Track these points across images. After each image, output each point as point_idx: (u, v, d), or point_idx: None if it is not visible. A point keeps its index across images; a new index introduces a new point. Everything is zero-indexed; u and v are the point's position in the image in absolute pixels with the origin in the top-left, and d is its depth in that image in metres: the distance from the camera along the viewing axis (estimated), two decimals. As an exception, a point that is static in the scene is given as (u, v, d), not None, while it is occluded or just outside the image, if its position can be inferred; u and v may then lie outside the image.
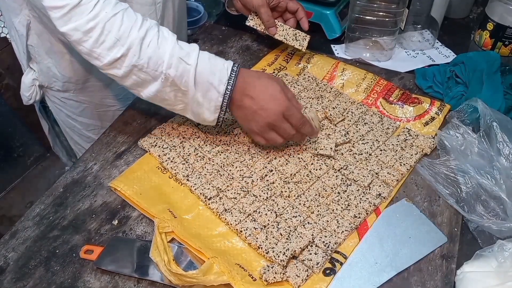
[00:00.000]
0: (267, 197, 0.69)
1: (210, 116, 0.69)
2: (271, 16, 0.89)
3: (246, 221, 0.66)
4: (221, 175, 0.73)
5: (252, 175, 0.73)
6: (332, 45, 1.04)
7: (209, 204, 0.69)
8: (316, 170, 0.73)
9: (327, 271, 0.62)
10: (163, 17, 0.89)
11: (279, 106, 0.68)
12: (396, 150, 0.76)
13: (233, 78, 0.67)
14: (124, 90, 0.95)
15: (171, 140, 0.78)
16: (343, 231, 0.65)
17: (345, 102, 0.85)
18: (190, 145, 0.78)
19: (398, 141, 0.78)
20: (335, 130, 0.80)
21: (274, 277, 0.59)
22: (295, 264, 0.62)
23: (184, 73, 0.65)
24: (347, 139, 0.78)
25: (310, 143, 0.77)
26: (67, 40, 0.65)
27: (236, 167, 0.74)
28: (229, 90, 0.67)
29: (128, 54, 0.63)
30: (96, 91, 0.93)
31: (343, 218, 0.67)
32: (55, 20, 0.62)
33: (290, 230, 0.65)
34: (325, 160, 0.75)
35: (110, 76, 0.67)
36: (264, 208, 0.68)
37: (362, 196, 0.69)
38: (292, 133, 0.70)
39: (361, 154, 0.76)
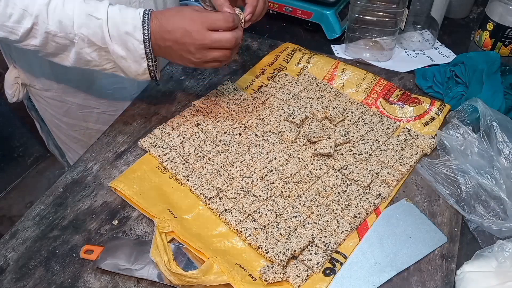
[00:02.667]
0: (267, 197, 0.69)
1: (139, 68, 0.69)
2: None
3: (246, 221, 0.66)
4: (221, 175, 0.73)
5: (252, 175, 0.73)
6: (332, 45, 1.04)
7: (209, 204, 0.69)
8: (316, 170, 0.73)
9: (327, 271, 0.62)
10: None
11: (201, 40, 0.65)
12: (396, 150, 0.76)
13: (146, 21, 0.66)
14: (108, 93, 0.94)
15: (171, 140, 0.78)
16: (343, 231, 0.65)
17: (345, 102, 0.85)
18: (190, 145, 0.78)
19: (398, 141, 0.78)
20: (335, 130, 0.80)
21: (274, 277, 0.59)
22: (295, 264, 0.62)
23: (97, 29, 0.65)
24: (347, 139, 0.78)
25: (310, 143, 0.78)
26: None
27: (236, 167, 0.74)
28: (146, 34, 0.66)
29: (38, 22, 0.64)
30: (78, 91, 0.92)
31: (343, 218, 0.67)
32: None
33: (290, 230, 0.65)
34: (325, 160, 0.75)
35: (32, 49, 0.67)
36: (264, 208, 0.68)
37: (362, 196, 0.69)
38: (227, 55, 0.68)
39: (361, 154, 0.76)
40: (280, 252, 0.62)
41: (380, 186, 0.71)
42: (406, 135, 0.79)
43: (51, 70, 0.87)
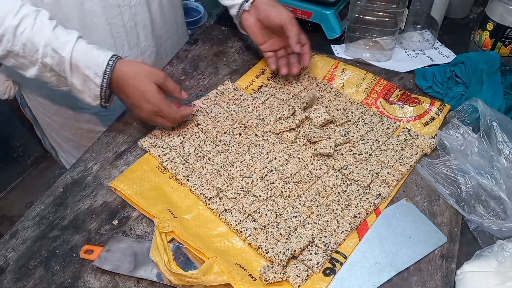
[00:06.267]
0: (267, 197, 0.69)
1: (92, 102, 0.72)
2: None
3: (246, 221, 0.66)
4: (221, 175, 0.73)
5: (252, 175, 0.73)
6: (332, 45, 1.04)
7: (209, 204, 0.69)
8: (316, 170, 0.73)
9: (327, 271, 0.62)
10: (135, 21, 0.86)
11: (150, 107, 0.72)
12: (396, 150, 0.76)
13: (108, 73, 0.69)
14: None
15: (171, 140, 0.78)
16: (343, 231, 0.65)
17: (345, 102, 0.85)
18: (190, 145, 0.78)
19: (398, 141, 0.78)
20: (335, 130, 0.80)
21: (274, 277, 0.59)
22: (295, 264, 0.62)
23: (60, 62, 0.67)
24: (347, 139, 0.78)
25: (310, 143, 0.78)
26: None
27: (236, 167, 0.74)
28: (105, 83, 0.69)
29: (3, 40, 0.65)
30: (69, 94, 0.91)
31: (343, 218, 0.67)
32: None
33: (290, 230, 0.65)
34: (325, 160, 0.75)
35: None
36: (264, 208, 0.68)
37: (362, 196, 0.69)
38: (170, 124, 0.76)
39: (361, 154, 0.76)
40: (280, 252, 0.62)
41: (380, 186, 0.71)
42: (406, 135, 0.79)
43: None
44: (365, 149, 0.77)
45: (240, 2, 0.86)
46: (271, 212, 0.67)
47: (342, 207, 0.68)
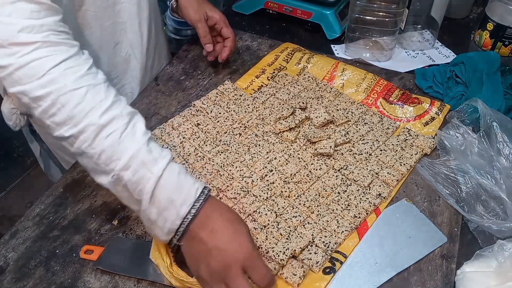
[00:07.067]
0: (267, 197, 0.69)
1: (163, 236, 0.56)
2: (209, 33, 0.88)
3: (246, 221, 0.66)
4: (221, 175, 0.73)
5: (252, 175, 0.73)
6: (332, 45, 1.04)
7: (209, 204, 0.69)
8: (316, 170, 0.73)
9: (327, 270, 0.62)
10: (139, 18, 0.85)
11: (241, 251, 0.53)
12: (396, 150, 0.76)
13: (200, 201, 0.54)
14: None
15: (171, 140, 0.78)
16: (343, 231, 0.65)
17: (345, 102, 0.85)
18: (190, 145, 0.78)
19: (398, 141, 0.78)
20: (335, 130, 0.80)
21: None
22: (290, 263, 0.61)
23: (142, 181, 0.53)
24: (347, 139, 0.78)
25: (310, 143, 0.78)
26: None
27: (236, 167, 0.74)
28: (192, 214, 0.54)
29: (79, 137, 0.54)
30: None
31: (343, 218, 0.67)
32: (2, 79, 0.53)
33: (290, 230, 0.65)
34: (325, 160, 0.75)
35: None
36: (264, 208, 0.68)
37: (362, 196, 0.69)
38: None
39: (361, 154, 0.76)
40: (280, 251, 0.62)
41: (380, 186, 0.71)
42: (406, 135, 0.79)
43: None
44: (365, 149, 0.77)
45: None
46: (271, 212, 0.67)
47: (342, 207, 0.68)
